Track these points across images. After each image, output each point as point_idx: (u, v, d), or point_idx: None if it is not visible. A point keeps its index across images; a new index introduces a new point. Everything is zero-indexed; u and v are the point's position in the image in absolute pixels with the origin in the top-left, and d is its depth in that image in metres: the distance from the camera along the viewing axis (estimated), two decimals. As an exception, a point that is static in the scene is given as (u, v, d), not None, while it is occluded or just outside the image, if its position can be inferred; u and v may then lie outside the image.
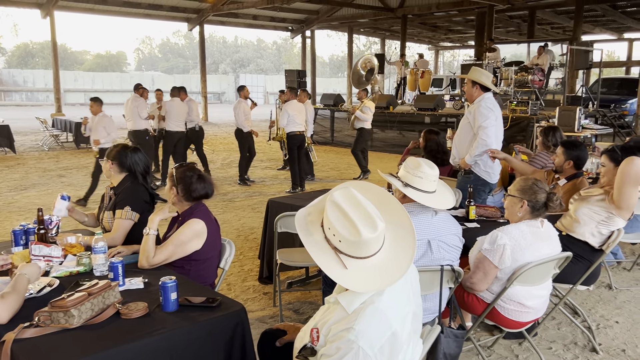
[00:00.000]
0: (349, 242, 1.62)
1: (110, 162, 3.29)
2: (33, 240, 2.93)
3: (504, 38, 24.95)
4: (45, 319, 1.99)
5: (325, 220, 1.67)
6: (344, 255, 1.64)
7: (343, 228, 1.62)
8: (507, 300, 2.82)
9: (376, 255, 1.66)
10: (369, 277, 1.63)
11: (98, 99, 7.84)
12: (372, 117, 9.96)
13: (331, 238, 1.65)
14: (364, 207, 1.65)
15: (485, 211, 3.79)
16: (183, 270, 2.74)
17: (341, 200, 1.66)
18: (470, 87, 4.55)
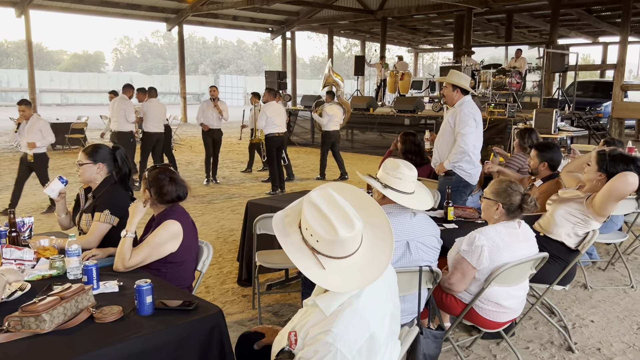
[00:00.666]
0: (326, 242, 1.61)
1: (100, 165, 3.19)
2: (4, 243, 2.86)
3: (482, 41, 25.26)
4: (16, 324, 1.94)
5: (303, 220, 1.66)
6: (322, 255, 1.63)
7: (320, 227, 1.61)
8: (484, 301, 2.83)
9: (353, 255, 1.65)
10: (347, 277, 1.62)
11: (28, 101, 7.31)
12: (336, 119, 10.04)
13: (309, 239, 1.65)
14: (342, 206, 1.65)
15: (464, 212, 3.82)
16: (159, 273, 2.70)
17: (318, 201, 1.65)
18: (450, 91, 4.57)
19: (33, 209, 7.24)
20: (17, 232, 2.89)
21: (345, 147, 14.58)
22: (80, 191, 3.33)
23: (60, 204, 3.28)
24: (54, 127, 13.51)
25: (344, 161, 10.56)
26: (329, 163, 10.44)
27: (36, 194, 8.25)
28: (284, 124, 8.83)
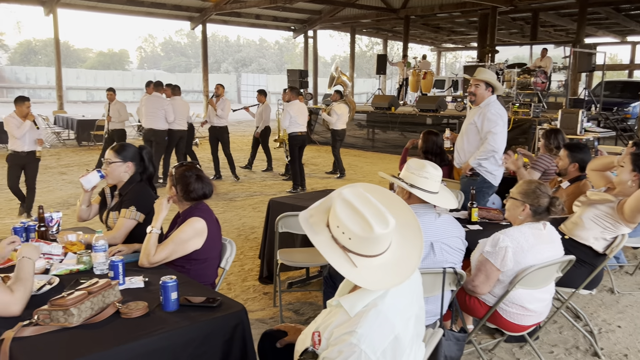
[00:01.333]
0: (360, 239, 1.59)
1: (130, 164, 3.23)
2: (34, 237, 2.92)
3: (507, 40, 24.92)
4: (45, 318, 1.98)
5: (333, 218, 1.64)
6: (353, 253, 1.61)
7: (354, 224, 1.59)
8: (509, 304, 2.80)
9: (384, 254, 1.64)
10: (380, 275, 1.60)
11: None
12: (343, 118, 10.14)
13: (339, 237, 1.63)
14: (375, 204, 1.64)
15: (488, 213, 3.78)
16: (183, 270, 2.73)
17: (352, 198, 1.64)
18: (483, 89, 4.50)
19: (59, 204, 7.38)
20: (46, 227, 2.95)
21: (366, 146, 14.55)
22: (105, 189, 3.38)
23: (87, 196, 3.32)
24: (80, 124, 13.84)
25: (364, 160, 10.54)
26: (349, 161, 10.42)
27: (62, 190, 8.41)
28: (306, 123, 8.85)
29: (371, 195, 1.68)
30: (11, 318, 2.05)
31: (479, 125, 4.48)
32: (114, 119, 9.84)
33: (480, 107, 4.53)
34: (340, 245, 1.62)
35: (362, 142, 14.81)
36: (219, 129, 9.59)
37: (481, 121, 4.46)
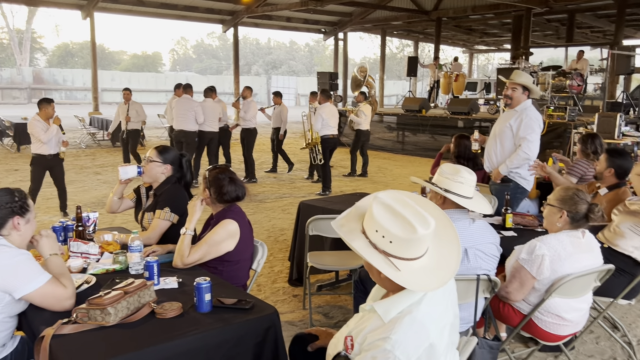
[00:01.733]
0: (402, 241, 1.57)
1: (168, 167, 3.28)
2: (71, 237, 3.00)
3: (541, 42, 24.44)
4: (83, 316, 2.02)
5: (371, 223, 1.62)
6: (394, 257, 1.59)
7: (396, 226, 1.58)
8: (544, 312, 2.73)
9: (423, 257, 1.62)
10: (422, 277, 1.59)
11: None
12: (368, 119, 10.36)
13: (379, 241, 1.61)
14: (412, 205, 1.62)
15: (523, 219, 3.70)
16: (216, 271, 2.75)
17: (389, 200, 1.63)
18: (520, 93, 4.40)
19: (94, 203, 7.55)
20: (83, 227, 3.02)
21: (396, 149, 14.46)
22: (141, 188, 3.44)
23: (120, 188, 3.39)
24: (115, 125, 14.08)
25: (393, 163, 10.51)
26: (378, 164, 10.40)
27: (97, 189, 8.60)
28: (337, 125, 8.89)
29: (407, 198, 1.67)
30: (49, 316, 2.11)
31: (515, 129, 4.37)
32: (133, 118, 9.84)
33: (516, 110, 4.42)
34: (380, 250, 1.60)
35: (391, 144, 14.72)
36: (245, 130, 9.68)
37: (517, 125, 4.35)
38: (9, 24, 39.53)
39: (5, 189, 2.26)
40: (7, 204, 2.18)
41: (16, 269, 2.08)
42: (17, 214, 2.20)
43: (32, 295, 2.10)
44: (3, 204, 2.17)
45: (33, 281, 2.10)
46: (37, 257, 2.62)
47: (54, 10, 27.72)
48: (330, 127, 8.64)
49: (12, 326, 2.23)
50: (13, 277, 2.07)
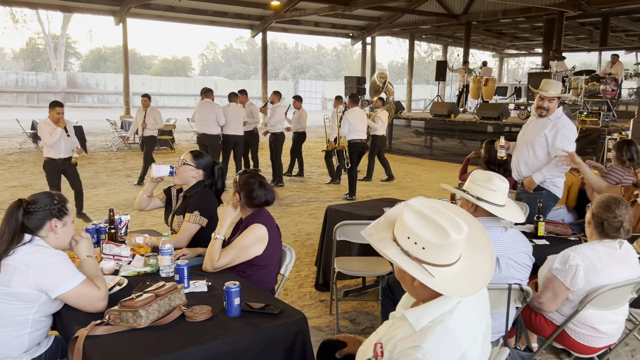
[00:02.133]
0: (435, 247, 1.56)
1: (200, 172, 3.33)
2: (104, 239, 3.05)
3: (574, 46, 23.95)
4: (115, 318, 2.06)
5: (402, 230, 1.61)
6: (427, 264, 1.57)
7: (428, 232, 1.56)
8: (578, 324, 2.67)
9: (457, 263, 1.60)
10: (458, 283, 1.57)
11: None
12: (385, 125, 10.44)
13: (411, 248, 1.59)
14: (444, 212, 1.61)
15: (555, 228, 3.62)
16: (244, 275, 2.77)
17: (420, 207, 1.61)
18: (556, 104, 4.32)
19: (125, 206, 7.69)
20: (116, 229, 3.08)
21: (424, 154, 14.35)
22: (173, 190, 3.49)
23: (151, 186, 3.45)
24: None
25: (421, 168, 10.44)
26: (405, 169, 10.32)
27: (128, 192, 8.76)
28: (365, 130, 8.85)
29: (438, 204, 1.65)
30: (83, 317, 2.15)
31: (551, 139, 4.25)
32: (150, 125, 9.61)
33: (549, 119, 4.32)
34: (413, 257, 1.58)
35: (419, 149, 14.61)
36: (273, 135, 9.77)
37: (553, 135, 4.23)
38: (45, 29, 40.72)
39: (46, 192, 2.33)
40: (46, 207, 2.25)
41: (52, 269, 2.13)
42: (54, 217, 2.26)
43: (67, 295, 2.15)
44: (42, 207, 2.24)
45: (68, 281, 2.15)
46: (72, 258, 2.68)
47: (88, 16, 28.42)
48: (358, 131, 8.61)
49: (47, 325, 2.29)
50: (49, 277, 2.12)
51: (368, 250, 4.34)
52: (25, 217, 2.20)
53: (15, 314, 2.12)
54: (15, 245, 2.14)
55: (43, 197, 2.28)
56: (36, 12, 38.42)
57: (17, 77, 33.23)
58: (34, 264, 2.11)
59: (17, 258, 2.10)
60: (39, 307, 2.16)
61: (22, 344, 2.16)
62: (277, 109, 9.74)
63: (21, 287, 2.09)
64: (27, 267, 2.09)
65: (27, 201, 2.24)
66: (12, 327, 2.12)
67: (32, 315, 2.15)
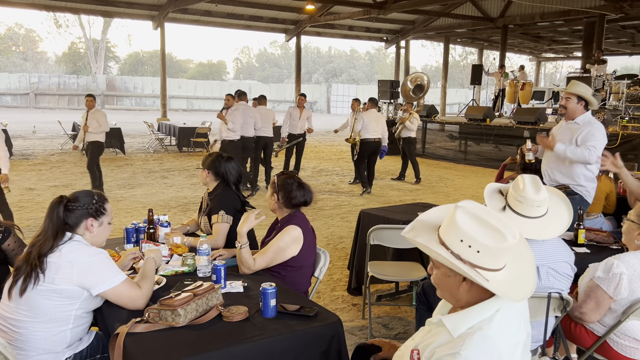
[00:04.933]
0: (490, 251, 1.54)
1: (207, 171, 3.44)
2: (143, 238, 3.12)
3: (615, 49, 23.28)
4: (155, 316, 2.10)
5: (454, 232, 1.58)
6: (481, 269, 1.55)
7: (485, 236, 1.54)
8: (621, 335, 2.58)
9: (504, 269, 1.59)
10: (508, 288, 1.55)
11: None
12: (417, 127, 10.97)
13: (464, 252, 1.56)
14: (496, 215, 1.59)
15: (596, 236, 3.52)
16: (279, 276, 2.79)
17: (474, 210, 1.59)
18: (575, 103, 4.24)
19: (161, 207, 7.84)
20: (155, 229, 3.14)
21: (458, 158, 14.17)
22: (204, 195, 3.58)
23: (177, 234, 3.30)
24: (181, 131, 14.63)
25: (455, 173, 10.35)
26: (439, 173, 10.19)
27: (164, 193, 8.94)
28: (380, 130, 9.32)
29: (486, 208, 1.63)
30: (124, 314, 2.21)
31: (581, 141, 4.19)
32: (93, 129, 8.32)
33: (577, 123, 4.24)
34: (465, 261, 1.56)
35: (453, 154, 14.44)
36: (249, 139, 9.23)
37: (583, 138, 4.17)
38: (86, 34, 41.98)
39: (87, 191, 2.39)
40: (85, 206, 2.30)
41: (95, 267, 2.20)
42: (91, 216, 2.32)
43: (108, 293, 2.21)
44: (80, 205, 2.29)
45: (110, 279, 2.21)
46: (112, 256, 2.76)
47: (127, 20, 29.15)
48: (371, 131, 9.17)
49: (89, 321, 2.35)
50: (92, 275, 2.18)
51: (402, 255, 4.31)
52: (65, 214, 2.26)
53: (59, 310, 2.18)
54: (58, 243, 2.20)
55: (84, 195, 2.33)
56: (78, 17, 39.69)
57: (60, 80, 34.31)
58: (77, 261, 2.17)
59: (62, 256, 2.17)
60: (80, 304, 2.22)
61: (64, 339, 2.23)
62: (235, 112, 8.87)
63: (64, 284, 2.15)
64: (71, 265, 2.16)
65: (67, 198, 2.30)
66: (55, 322, 2.19)
67: (74, 312, 2.22)
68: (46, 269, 2.14)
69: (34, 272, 2.13)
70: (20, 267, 2.17)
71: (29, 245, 2.23)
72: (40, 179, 9.95)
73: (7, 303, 2.20)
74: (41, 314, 2.16)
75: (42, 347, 2.19)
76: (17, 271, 2.17)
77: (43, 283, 2.13)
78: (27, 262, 2.15)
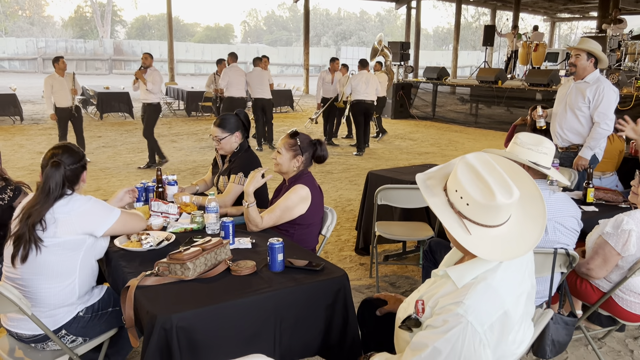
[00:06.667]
0: (479, 206, 1.55)
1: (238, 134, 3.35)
2: (152, 197, 3.16)
3: (633, 9, 22.59)
4: (164, 270, 2.14)
5: (453, 182, 1.60)
6: (468, 220, 1.57)
7: (476, 190, 1.55)
8: (626, 291, 2.60)
9: (501, 226, 1.58)
10: (492, 246, 1.56)
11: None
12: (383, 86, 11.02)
13: (456, 202, 1.59)
14: (500, 172, 1.58)
15: (605, 194, 3.50)
16: (287, 234, 2.82)
17: (476, 163, 1.59)
18: (584, 60, 4.16)
19: (171, 170, 7.89)
20: (163, 188, 3.17)
21: (468, 121, 14.03)
22: (217, 156, 3.57)
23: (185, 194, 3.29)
24: (189, 95, 14.56)
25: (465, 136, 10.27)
26: (449, 137, 10.11)
27: (173, 156, 8.97)
28: (373, 92, 9.55)
29: (497, 163, 1.62)
30: (134, 269, 2.25)
31: (593, 103, 4.12)
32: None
33: (587, 82, 4.16)
34: (456, 211, 1.58)
35: (464, 117, 14.28)
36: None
37: (596, 100, 4.10)
38: (92, -3, 41.51)
39: (69, 148, 2.32)
40: (80, 162, 2.33)
41: (92, 211, 2.26)
42: (85, 169, 2.38)
43: (113, 227, 2.31)
44: (76, 162, 2.30)
45: (109, 216, 2.30)
46: None
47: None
48: (361, 93, 9.40)
49: (94, 271, 2.39)
50: (92, 218, 2.24)
51: (409, 215, 4.33)
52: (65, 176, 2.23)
53: (63, 264, 2.21)
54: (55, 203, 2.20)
55: (73, 153, 2.30)
56: (83, -20, 39.12)
57: (67, 45, 34.09)
58: (73, 211, 2.19)
59: (55, 210, 2.18)
60: (84, 253, 2.26)
61: (73, 291, 2.28)
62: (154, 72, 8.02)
63: (67, 235, 2.18)
64: (68, 216, 2.18)
65: (64, 162, 2.25)
66: (61, 277, 2.23)
67: (78, 262, 2.26)
68: (45, 228, 2.15)
69: (33, 238, 2.14)
70: (21, 236, 2.15)
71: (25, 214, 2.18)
72: (50, 143, 10.00)
73: (12, 269, 2.24)
74: (46, 271, 2.19)
75: (52, 303, 2.24)
76: (17, 240, 2.16)
77: (45, 241, 2.15)
78: (26, 230, 2.14)
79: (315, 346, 2.19)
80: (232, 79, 9.38)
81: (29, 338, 2.26)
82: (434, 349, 1.55)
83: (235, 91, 9.42)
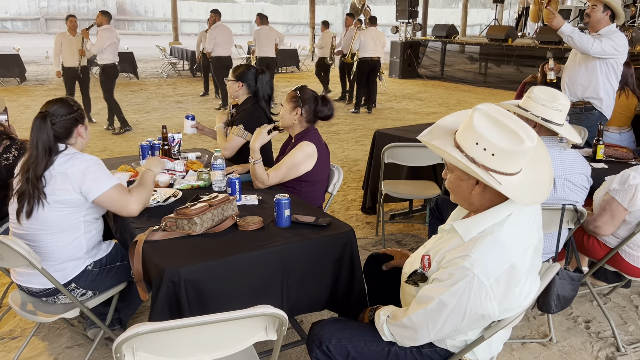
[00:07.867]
0: (505, 154, 1.51)
1: (240, 84, 3.41)
2: (158, 154, 3.15)
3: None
4: (172, 225, 2.15)
5: (470, 135, 1.55)
6: (495, 172, 1.53)
7: (501, 138, 1.51)
8: (633, 247, 2.60)
9: (519, 174, 1.57)
10: (524, 191, 1.54)
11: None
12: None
13: (478, 154, 1.54)
14: (515, 118, 1.55)
15: (615, 151, 3.46)
16: (294, 191, 2.82)
17: (493, 112, 1.55)
18: (600, 12, 4.02)
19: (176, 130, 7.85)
20: (169, 146, 3.16)
21: (477, 81, 13.82)
22: (229, 107, 3.60)
23: (204, 132, 3.65)
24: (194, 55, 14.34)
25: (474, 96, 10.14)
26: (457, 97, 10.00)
27: (179, 117, 8.94)
28: (379, 49, 9.46)
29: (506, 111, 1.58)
30: (142, 224, 2.26)
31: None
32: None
33: (600, 34, 4.04)
34: (479, 164, 1.54)
35: (472, 76, 14.06)
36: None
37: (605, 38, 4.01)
38: (93, -46, 40.52)
39: (63, 100, 2.29)
40: (71, 114, 2.25)
41: (89, 173, 2.19)
42: (79, 123, 2.30)
43: (100, 199, 2.22)
44: (66, 114, 2.23)
45: (101, 184, 2.21)
46: (129, 171, 2.79)
47: (134, -61, 27.98)
48: (369, 49, 9.33)
49: (100, 226, 2.40)
50: (88, 180, 2.18)
51: (416, 174, 4.31)
52: (53, 129, 2.19)
53: (67, 219, 2.22)
54: (53, 158, 2.18)
55: (63, 105, 2.25)
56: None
57: (69, 4, 33.55)
58: (70, 170, 2.16)
59: (55, 168, 2.16)
60: (87, 210, 2.27)
61: (80, 245, 2.29)
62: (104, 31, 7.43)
63: (65, 194, 2.17)
64: (65, 175, 2.16)
65: (51, 113, 2.21)
66: (67, 231, 2.24)
67: (82, 218, 2.27)
68: (45, 185, 2.15)
69: (36, 193, 2.14)
70: (24, 191, 2.16)
71: (24, 170, 2.17)
72: (56, 104, 9.98)
73: (18, 225, 2.25)
74: (52, 226, 2.20)
75: (60, 257, 2.26)
76: (21, 196, 2.17)
77: (46, 198, 2.16)
78: (28, 185, 2.14)
79: (322, 300, 2.22)
80: (218, 39, 9.26)
81: (40, 292, 2.30)
82: (440, 302, 1.56)
83: (221, 50, 9.32)
